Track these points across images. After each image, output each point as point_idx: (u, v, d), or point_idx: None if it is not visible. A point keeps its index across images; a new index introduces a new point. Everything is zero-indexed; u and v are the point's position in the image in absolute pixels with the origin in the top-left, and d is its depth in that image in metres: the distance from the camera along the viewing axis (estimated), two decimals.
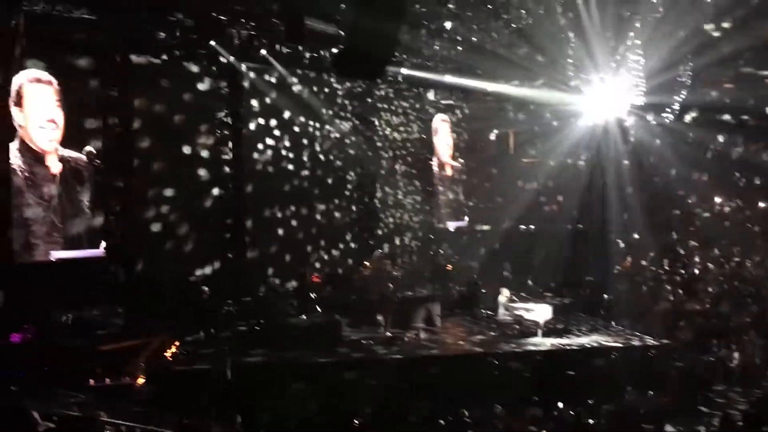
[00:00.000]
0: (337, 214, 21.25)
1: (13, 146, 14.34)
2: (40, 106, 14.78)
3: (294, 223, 19.92)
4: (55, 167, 15.07)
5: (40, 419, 7.20)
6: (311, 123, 20.28)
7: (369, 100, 22.03)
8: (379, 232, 22.28)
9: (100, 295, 15.27)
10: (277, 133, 19.56)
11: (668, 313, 18.46)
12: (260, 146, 19.22)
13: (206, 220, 18.00)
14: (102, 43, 15.65)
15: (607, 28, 19.13)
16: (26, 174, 14.51)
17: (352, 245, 21.57)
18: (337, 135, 21.03)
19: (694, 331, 17.54)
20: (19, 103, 14.43)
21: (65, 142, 15.23)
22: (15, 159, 14.34)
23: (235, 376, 13.43)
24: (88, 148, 15.54)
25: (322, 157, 20.69)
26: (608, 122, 21.65)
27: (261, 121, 19.22)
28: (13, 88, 14.33)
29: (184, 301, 16.73)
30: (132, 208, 16.61)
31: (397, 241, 22.88)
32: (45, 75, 14.91)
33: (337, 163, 21.13)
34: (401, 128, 23.33)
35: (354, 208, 21.75)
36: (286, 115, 19.62)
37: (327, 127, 20.72)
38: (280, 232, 19.55)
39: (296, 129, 19.95)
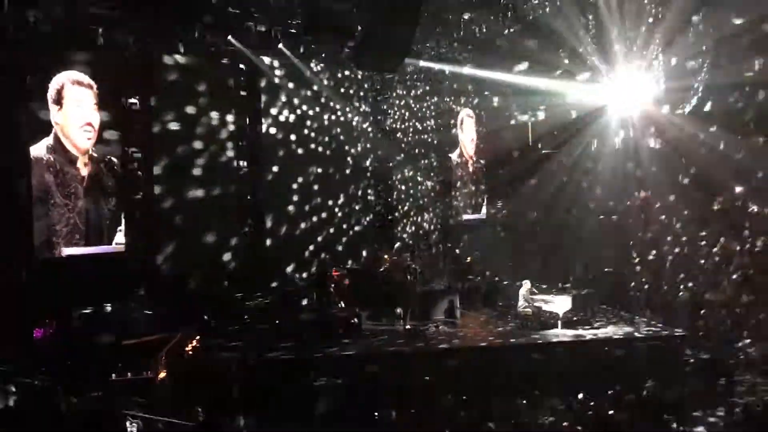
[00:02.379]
0: (356, 207, 21.26)
1: (45, 142, 14.49)
2: (80, 108, 15.09)
3: (313, 216, 19.94)
4: (85, 169, 15.24)
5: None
6: (329, 116, 20.28)
7: (387, 92, 22.02)
8: (398, 225, 22.28)
9: (121, 290, 15.40)
10: (295, 126, 19.58)
11: (689, 303, 18.35)
12: (278, 139, 19.24)
13: (225, 215, 18.06)
14: (123, 40, 15.76)
15: (627, 19, 19.01)
16: (56, 172, 14.66)
17: (372, 238, 21.59)
18: (356, 127, 21.03)
19: (715, 321, 17.44)
20: (58, 102, 14.70)
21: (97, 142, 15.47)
22: (46, 156, 14.49)
23: (256, 370, 13.52)
24: (109, 149, 15.68)
25: (340, 149, 20.68)
26: (628, 113, 21.49)
27: (278, 114, 19.25)
28: (54, 86, 14.61)
29: (205, 296, 16.88)
30: (152, 205, 16.71)
31: (417, 234, 22.86)
32: (86, 78, 15.22)
33: (355, 156, 21.11)
34: (420, 120, 23.29)
35: (373, 201, 21.77)
36: (304, 107, 19.65)
37: (345, 119, 20.72)
38: (299, 225, 19.58)
39: (314, 122, 19.96)
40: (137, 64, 16.37)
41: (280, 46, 18.05)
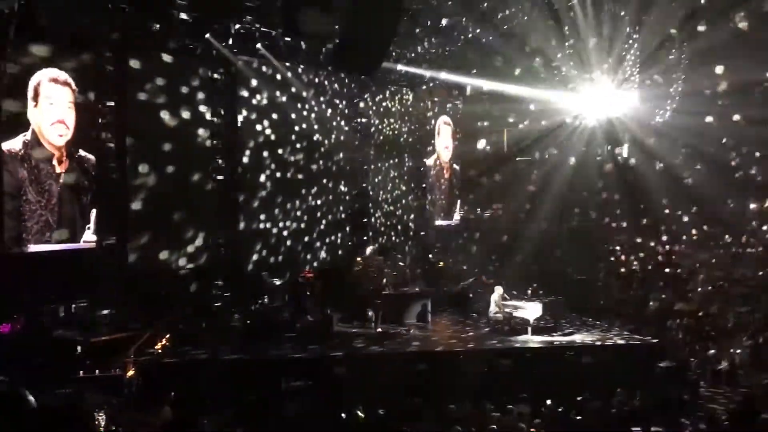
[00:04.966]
0: (330, 210, 21.23)
1: (23, 137, 14.35)
2: (53, 106, 14.86)
3: (287, 218, 19.88)
4: (60, 167, 15.08)
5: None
6: (306, 118, 20.23)
7: (364, 94, 22.03)
8: (372, 228, 22.30)
9: (92, 287, 15.27)
10: (271, 127, 19.50)
11: (657, 312, 18.57)
12: (254, 141, 19.15)
13: (199, 213, 17.95)
14: (97, 37, 15.62)
15: (602, 27, 19.22)
16: (30, 168, 14.49)
17: (345, 241, 21.60)
18: (332, 129, 21.03)
19: (682, 330, 17.67)
20: (35, 99, 14.53)
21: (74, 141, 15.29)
22: (22, 150, 14.33)
23: (227, 369, 13.49)
24: (84, 147, 15.56)
25: (315, 152, 20.64)
26: (601, 121, 21.73)
27: (255, 116, 19.17)
28: (32, 83, 14.47)
29: (176, 294, 16.78)
30: (125, 201, 16.56)
31: (390, 238, 22.90)
32: (63, 75, 14.99)
33: (330, 159, 21.10)
34: (396, 125, 23.33)
35: (347, 203, 21.76)
36: (281, 109, 19.58)
37: (322, 121, 20.70)
38: (272, 226, 19.51)
39: (290, 124, 19.90)
40: (113, 62, 16.19)
41: (259, 46, 18.01)
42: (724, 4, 18.72)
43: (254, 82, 18.88)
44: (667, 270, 20.64)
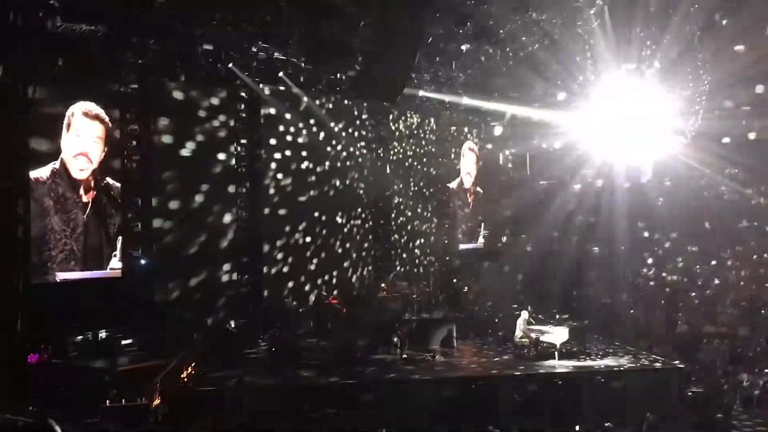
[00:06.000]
0: (353, 236, 21.24)
1: (51, 166, 14.57)
2: (79, 138, 15.12)
3: (310, 245, 19.91)
4: (87, 196, 15.25)
5: None
6: (328, 144, 20.33)
7: (386, 121, 22.08)
8: (396, 253, 22.26)
9: (118, 316, 15.33)
10: (293, 155, 19.61)
11: (687, 335, 18.34)
12: (277, 168, 19.26)
13: (223, 244, 18.04)
14: (122, 66, 15.79)
15: (625, 51, 19.11)
16: (57, 197, 14.67)
17: (369, 267, 21.56)
18: (355, 156, 21.09)
19: (712, 353, 17.43)
20: (67, 129, 14.88)
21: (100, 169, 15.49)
22: (49, 179, 14.54)
23: (252, 398, 13.45)
24: (109, 180, 15.71)
25: (338, 178, 20.71)
26: (624, 144, 21.56)
27: (278, 143, 19.28)
28: (68, 114, 14.85)
29: (201, 323, 16.81)
30: (150, 231, 16.66)
31: (413, 263, 22.84)
32: (95, 109, 15.34)
33: (353, 185, 21.15)
34: (418, 150, 23.35)
35: (370, 229, 21.75)
36: (304, 136, 19.69)
37: (344, 148, 20.78)
38: (296, 254, 19.54)
39: (313, 150, 19.99)
40: (138, 92, 16.35)
41: (281, 74, 18.14)
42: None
43: (275, 110, 19.01)
44: (695, 292, 20.37)
